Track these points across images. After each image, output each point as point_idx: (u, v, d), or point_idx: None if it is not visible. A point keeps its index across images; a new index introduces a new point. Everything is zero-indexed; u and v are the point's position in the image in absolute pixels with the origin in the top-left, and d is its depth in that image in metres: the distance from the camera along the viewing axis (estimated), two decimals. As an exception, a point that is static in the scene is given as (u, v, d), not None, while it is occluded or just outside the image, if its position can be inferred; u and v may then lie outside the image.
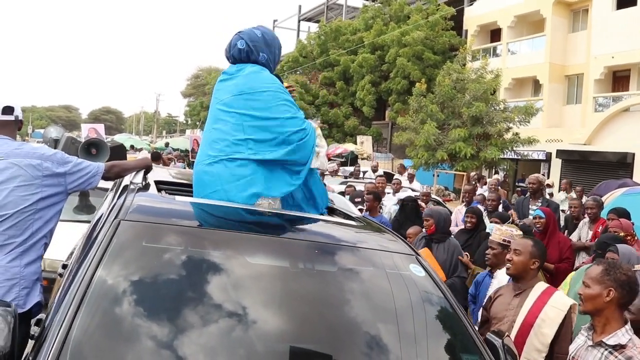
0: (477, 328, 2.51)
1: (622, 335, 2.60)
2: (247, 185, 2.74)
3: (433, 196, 11.30)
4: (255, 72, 2.89)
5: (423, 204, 8.42)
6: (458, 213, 8.35)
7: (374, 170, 16.35)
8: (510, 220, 6.57)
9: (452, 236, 5.58)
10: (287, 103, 2.87)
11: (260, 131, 2.78)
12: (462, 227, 6.76)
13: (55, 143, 8.84)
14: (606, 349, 2.62)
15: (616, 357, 2.57)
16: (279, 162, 2.81)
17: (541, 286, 3.28)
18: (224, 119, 2.84)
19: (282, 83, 3.17)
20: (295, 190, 2.89)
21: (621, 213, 5.88)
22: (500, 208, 8.02)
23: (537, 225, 5.92)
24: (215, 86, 3.00)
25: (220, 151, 2.79)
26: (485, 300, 3.63)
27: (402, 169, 16.42)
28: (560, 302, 3.18)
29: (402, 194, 9.21)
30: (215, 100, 2.94)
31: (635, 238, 5.17)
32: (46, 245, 2.85)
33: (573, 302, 3.18)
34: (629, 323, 2.68)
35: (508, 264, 3.35)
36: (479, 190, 12.02)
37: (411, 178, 14.03)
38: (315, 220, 2.80)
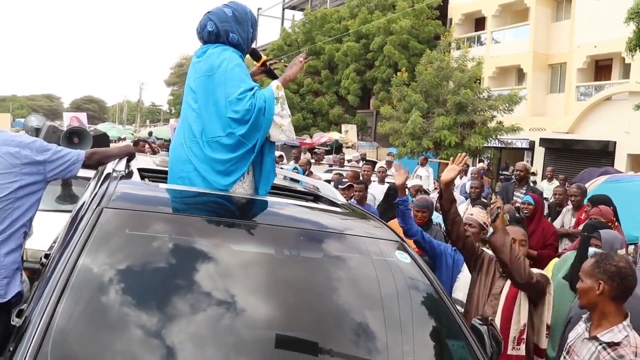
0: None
1: (619, 331, 2.55)
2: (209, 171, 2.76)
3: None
4: (214, 54, 2.84)
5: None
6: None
7: (363, 158, 16.46)
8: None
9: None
10: (235, 81, 2.76)
11: (212, 115, 2.75)
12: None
13: (36, 132, 8.70)
14: (600, 344, 2.58)
15: (608, 353, 2.53)
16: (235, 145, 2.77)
17: None
18: (189, 103, 2.86)
19: (260, 58, 3.17)
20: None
21: (597, 201, 5.90)
22: None
23: (525, 212, 5.95)
24: (189, 69, 2.99)
25: (184, 136, 2.83)
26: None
27: (391, 162, 16.55)
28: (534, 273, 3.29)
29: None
30: (187, 83, 2.95)
31: (616, 224, 5.22)
32: (25, 234, 2.80)
33: (542, 272, 3.38)
34: (628, 318, 2.62)
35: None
36: (463, 180, 12.09)
37: (389, 164, 14.16)
38: (301, 207, 2.78)
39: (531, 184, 9.39)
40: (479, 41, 27.07)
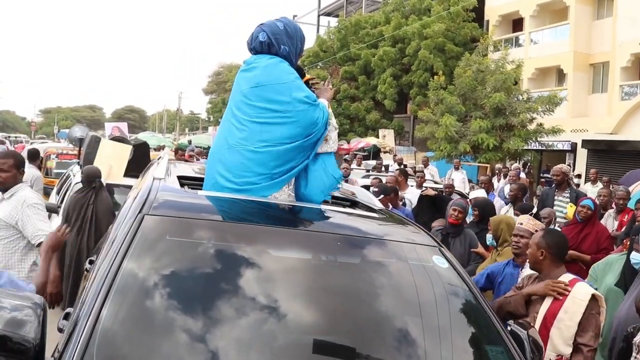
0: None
1: None
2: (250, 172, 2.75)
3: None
4: (272, 65, 2.86)
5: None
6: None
7: (399, 163, 16.42)
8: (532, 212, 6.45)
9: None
10: (299, 89, 2.83)
11: (273, 122, 2.74)
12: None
13: (80, 142, 9.00)
14: None
15: None
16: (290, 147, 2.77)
17: (566, 278, 3.22)
18: (243, 109, 2.83)
19: (304, 75, 3.13)
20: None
21: None
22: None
23: (581, 215, 5.80)
24: (237, 75, 2.98)
25: (234, 140, 2.78)
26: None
27: (427, 162, 16.46)
28: (582, 293, 3.10)
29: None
30: (235, 89, 2.93)
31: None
32: None
33: (595, 292, 3.13)
34: None
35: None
36: (501, 184, 11.89)
37: (425, 164, 14.14)
38: (338, 213, 2.80)
39: (574, 187, 9.17)
40: (517, 43, 26.60)
